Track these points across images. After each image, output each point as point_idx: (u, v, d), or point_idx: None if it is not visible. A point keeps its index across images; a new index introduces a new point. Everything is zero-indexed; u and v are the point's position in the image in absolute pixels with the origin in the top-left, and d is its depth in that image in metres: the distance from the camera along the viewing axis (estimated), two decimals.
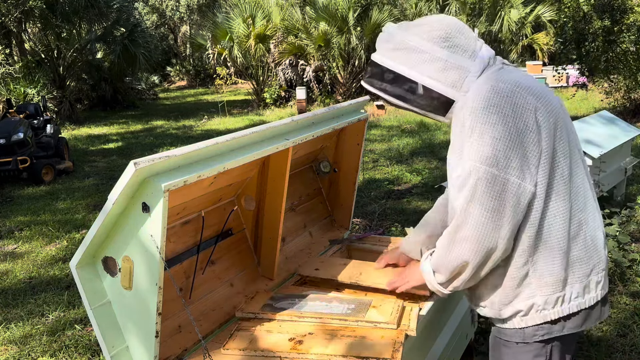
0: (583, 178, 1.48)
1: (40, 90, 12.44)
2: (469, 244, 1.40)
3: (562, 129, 1.43)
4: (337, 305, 1.86)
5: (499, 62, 1.51)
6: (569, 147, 1.44)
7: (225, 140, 1.66)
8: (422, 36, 1.47)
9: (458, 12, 15.15)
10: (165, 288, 1.57)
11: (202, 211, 2.01)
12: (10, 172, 7.32)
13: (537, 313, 1.45)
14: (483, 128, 1.36)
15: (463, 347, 2.42)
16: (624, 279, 3.62)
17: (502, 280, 1.47)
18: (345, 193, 2.72)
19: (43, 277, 4.37)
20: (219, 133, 11.18)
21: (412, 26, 1.51)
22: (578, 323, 1.48)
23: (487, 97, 1.38)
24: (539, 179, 1.37)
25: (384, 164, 7.63)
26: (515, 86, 1.40)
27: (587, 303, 1.46)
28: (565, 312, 1.45)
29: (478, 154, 1.36)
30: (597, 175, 4.36)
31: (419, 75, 1.47)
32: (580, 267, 1.45)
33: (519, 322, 1.49)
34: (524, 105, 1.37)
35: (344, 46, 14.06)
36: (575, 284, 1.45)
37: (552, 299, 1.44)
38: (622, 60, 10.05)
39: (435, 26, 1.48)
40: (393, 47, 1.50)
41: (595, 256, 1.47)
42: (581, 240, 1.45)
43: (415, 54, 1.47)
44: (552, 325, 1.47)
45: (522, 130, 1.35)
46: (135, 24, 16.25)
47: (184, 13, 28.24)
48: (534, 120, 1.36)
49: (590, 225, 1.47)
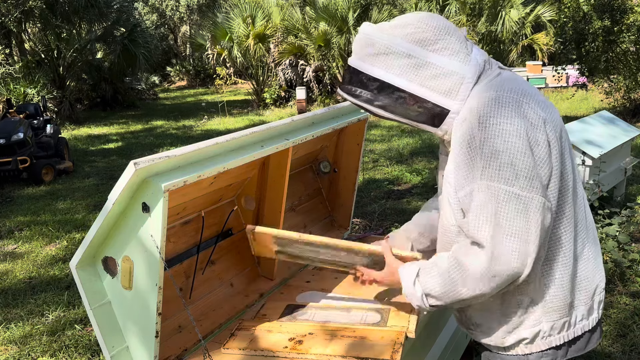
0: (582, 190, 1.40)
1: (40, 90, 12.44)
2: (497, 279, 1.24)
3: (566, 141, 1.34)
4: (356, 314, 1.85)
5: (495, 65, 1.38)
6: (571, 160, 1.35)
7: (225, 140, 1.66)
8: (408, 38, 1.31)
9: (458, 12, 15.14)
10: (165, 288, 1.57)
11: (202, 211, 2.01)
12: (10, 172, 7.32)
13: (542, 340, 1.36)
14: (495, 143, 1.22)
15: (463, 347, 2.42)
16: (624, 279, 3.62)
17: (504, 307, 1.36)
18: (345, 193, 2.72)
19: (43, 277, 4.37)
20: (219, 133, 11.18)
21: (395, 27, 1.34)
22: (581, 346, 1.41)
23: (496, 108, 1.24)
24: (551, 196, 1.26)
25: (384, 164, 7.63)
26: (522, 96, 1.28)
27: (591, 324, 1.40)
28: (570, 336, 1.38)
29: (495, 172, 1.22)
30: (597, 175, 4.36)
31: (407, 83, 1.31)
32: (585, 288, 1.38)
33: (523, 350, 1.39)
34: (534, 117, 1.25)
35: (344, 46, 14.05)
36: (580, 306, 1.38)
37: (559, 325, 1.36)
38: (622, 60, 10.05)
39: (421, 27, 1.32)
40: (375, 52, 1.33)
41: (599, 274, 1.41)
42: (585, 259, 1.37)
43: (402, 59, 1.31)
44: (557, 350, 1.39)
45: (533, 144, 1.23)
46: (135, 24, 16.25)
47: (184, 13, 28.25)
48: (544, 135, 1.25)
49: (592, 244, 1.40)
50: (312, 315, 1.88)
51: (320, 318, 1.84)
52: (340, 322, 1.79)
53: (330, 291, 2.08)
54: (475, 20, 15.05)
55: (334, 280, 2.18)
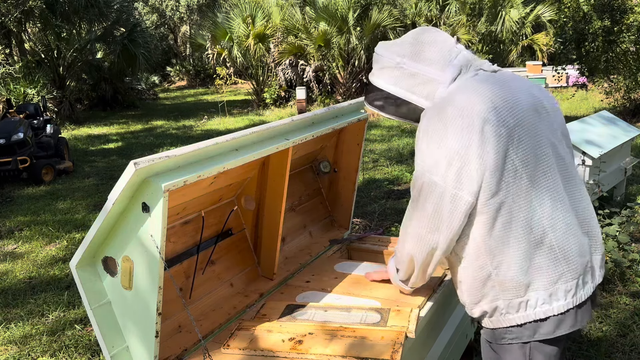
0: (555, 184, 1.46)
1: (40, 90, 12.44)
2: (413, 241, 1.54)
3: (524, 137, 1.43)
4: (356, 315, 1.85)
5: (472, 68, 1.54)
6: (533, 154, 1.43)
7: (225, 140, 1.66)
8: (400, 53, 1.58)
9: (458, 12, 15.13)
10: (165, 288, 1.57)
11: (202, 211, 2.02)
12: (10, 172, 7.31)
13: (501, 316, 1.49)
14: (430, 137, 1.45)
15: (463, 347, 2.42)
16: (624, 279, 3.62)
17: (467, 280, 1.53)
18: (345, 193, 2.72)
19: (43, 277, 4.37)
20: (219, 133, 11.18)
21: (393, 45, 1.61)
22: (550, 329, 1.46)
23: (438, 109, 1.46)
24: (484, 188, 1.40)
25: (384, 164, 7.63)
26: (468, 99, 1.43)
27: (556, 310, 1.45)
28: (531, 317, 1.45)
29: (424, 161, 1.47)
30: (597, 175, 4.36)
31: (402, 91, 1.57)
32: (543, 275, 1.44)
33: (487, 323, 1.55)
34: (472, 118, 1.40)
35: (344, 46, 14.05)
36: (540, 290, 1.44)
37: (515, 304, 1.46)
38: (622, 60, 10.05)
39: (409, 41, 1.58)
40: (380, 67, 1.62)
41: (564, 265, 1.45)
42: (546, 249, 1.44)
43: (396, 71, 1.58)
44: (522, 329, 1.48)
45: (466, 143, 1.39)
46: (135, 24, 16.23)
47: (184, 13, 28.24)
48: (479, 133, 1.39)
49: (559, 234, 1.44)
50: (312, 315, 1.88)
51: (320, 318, 1.84)
52: (340, 322, 1.79)
53: (330, 291, 2.08)
54: (475, 20, 15.04)
55: (334, 280, 2.18)
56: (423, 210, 1.48)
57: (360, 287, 2.09)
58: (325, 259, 2.47)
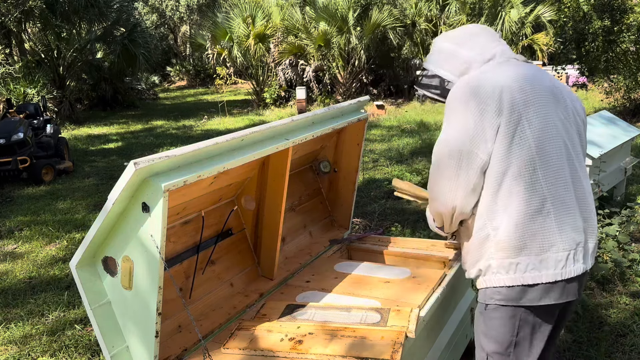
0: (560, 162, 1.57)
1: (40, 90, 12.43)
2: (438, 201, 1.68)
3: (539, 110, 1.56)
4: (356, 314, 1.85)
5: (504, 57, 1.69)
6: (543, 129, 1.56)
7: (225, 140, 1.66)
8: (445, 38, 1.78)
9: (458, 12, 15.13)
10: (165, 288, 1.57)
11: (202, 211, 2.02)
12: (10, 172, 7.31)
13: (492, 275, 1.60)
14: (451, 111, 1.61)
15: (463, 347, 2.42)
16: (624, 279, 3.62)
17: (469, 240, 1.66)
18: (345, 193, 2.72)
19: (43, 277, 4.37)
20: (219, 133, 11.18)
21: (446, 34, 1.82)
22: (536, 296, 1.56)
23: (466, 81, 1.62)
24: (496, 149, 1.54)
25: (384, 164, 7.63)
26: (493, 74, 1.61)
27: (545, 278, 1.54)
28: (519, 281, 1.55)
29: (446, 130, 1.62)
30: (597, 175, 4.37)
31: (440, 70, 1.75)
32: (536, 241, 1.54)
33: (480, 283, 1.65)
34: (493, 87, 1.57)
35: (344, 46, 14.06)
36: (531, 255, 1.54)
37: (505, 264, 1.57)
38: (622, 60, 10.05)
39: (457, 31, 1.79)
40: (431, 52, 1.82)
41: (557, 235, 1.54)
42: (542, 218, 1.54)
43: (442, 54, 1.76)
44: (509, 291, 1.57)
45: (484, 108, 1.55)
46: (135, 24, 16.23)
47: (184, 13, 28.24)
48: (497, 101, 1.55)
49: (557, 206, 1.55)
50: (312, 315, 1.88)
51: (320, 318, 1.84)
52: (340, 322, 1.79)
53: (330, 291, 2.08)
54: (475, 20, 15.04)
55: (334, 280, 2.18)
56: (447, 169, 1.60)
57: (360, 287, 2.09)
58: (325, 259, 2.47)
